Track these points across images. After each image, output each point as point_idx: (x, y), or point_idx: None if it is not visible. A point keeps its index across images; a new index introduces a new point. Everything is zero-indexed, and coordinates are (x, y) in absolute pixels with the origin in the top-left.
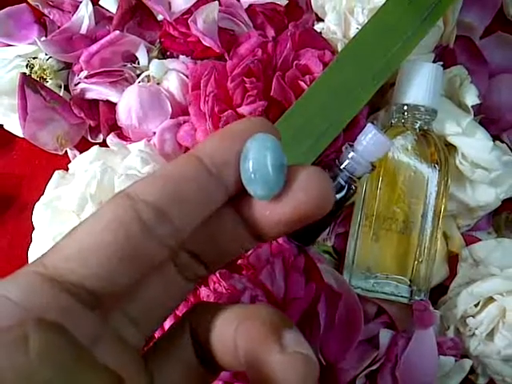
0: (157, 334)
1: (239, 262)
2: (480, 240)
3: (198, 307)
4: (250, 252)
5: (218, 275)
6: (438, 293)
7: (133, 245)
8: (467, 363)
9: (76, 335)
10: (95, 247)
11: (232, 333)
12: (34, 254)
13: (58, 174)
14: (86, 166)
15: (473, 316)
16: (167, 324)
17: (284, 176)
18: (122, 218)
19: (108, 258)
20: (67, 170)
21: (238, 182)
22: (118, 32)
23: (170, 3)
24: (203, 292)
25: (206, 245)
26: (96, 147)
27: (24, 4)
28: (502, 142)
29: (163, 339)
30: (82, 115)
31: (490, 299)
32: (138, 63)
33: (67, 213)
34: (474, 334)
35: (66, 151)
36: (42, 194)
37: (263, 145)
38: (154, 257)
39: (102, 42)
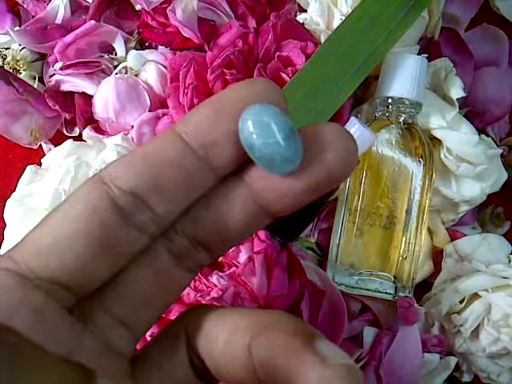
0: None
1: (220, 259)
2: (465, 235)
3: (194, 312)
4: (231, 249)
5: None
6: (423, 289)
7: (109, 234)
8: (452, 360)
9: (51, 340)
10: (69, 238)
11: (245, 343)
12: None
13: (30, 169)
14: (59, 160)
15: (458, 313)
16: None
17: (300, 141)
18: (97, 206)
19: (83, 249)
20: (41, 164)
21: (230, 162)
22: (93, 22)
23: None
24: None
25: (211, 227)
26: (70, 141)
27: None
28: (488, 135)
29: (154, 347)
30: (57, 108)
31: (475, 295)
32: (116, 54)
33: (40, 210)
34: (459, 330)
35: (41, 145)
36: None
37: (261, 121)
38: (132, 245)
39: (78, 32)
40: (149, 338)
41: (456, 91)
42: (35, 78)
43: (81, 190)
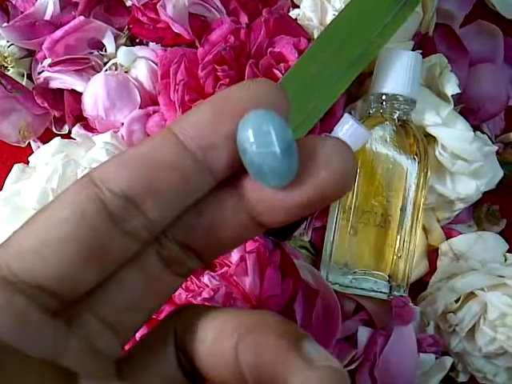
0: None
1: None
2: (460, 233)
3: (184, 311)
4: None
5: None
6: (418, 288)
7: (97, 239)
8: (448, 361)
9: (35, 344)
10: (54, 242)
11: (232, 345)
12: None
13: (17, 167)
14: (47, 158)
15: (453, 312)
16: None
17: (297, 156)
18: (85, 209)
19: (69, 254)
20: (29, 163)
21: (228, 166)
22: (82, 17)
23: None
24: None
25: (201, 235)
26: (58, 139)
27: None
28: (483, 132)
29: (142, 347)
30: (46, 105)
31: (471, 294)
32: (105, 50)
33: (27, 209)
34: (454, 330)
35: (30, 143)
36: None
37: (260, 128)
38: (123, 252)
39: (66, 27)
40: (138, 338)
41: (451, 88)
42: (23, 75)
43: (70, 190)
